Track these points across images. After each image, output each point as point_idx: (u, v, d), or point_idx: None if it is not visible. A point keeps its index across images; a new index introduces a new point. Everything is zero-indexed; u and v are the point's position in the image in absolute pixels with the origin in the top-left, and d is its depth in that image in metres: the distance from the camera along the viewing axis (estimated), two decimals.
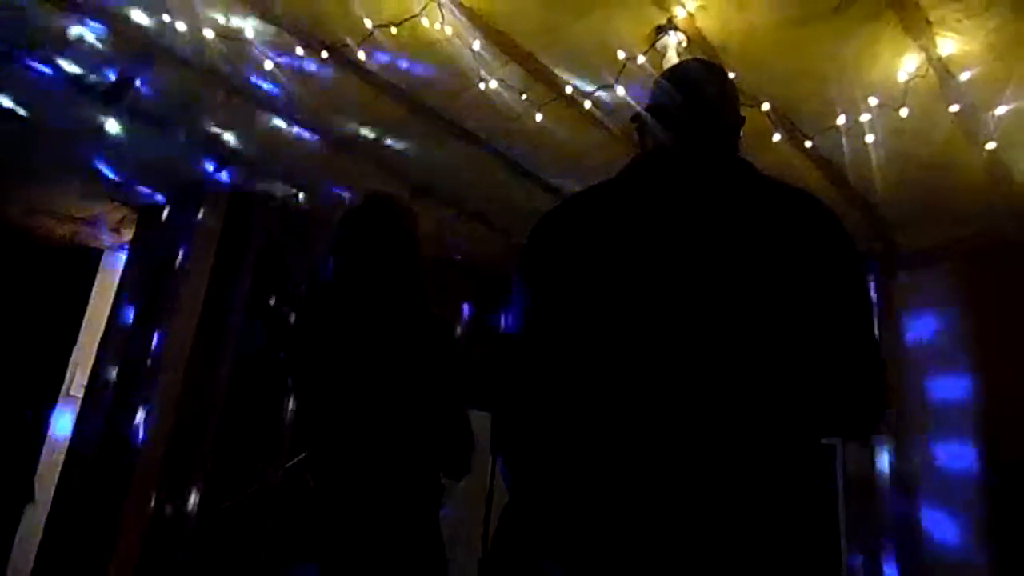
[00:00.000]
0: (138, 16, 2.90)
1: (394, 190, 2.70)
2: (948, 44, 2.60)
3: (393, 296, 1.72)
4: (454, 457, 1.64)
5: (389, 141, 3.69)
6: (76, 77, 3.34)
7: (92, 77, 3.34)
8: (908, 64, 2.71)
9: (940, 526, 3.62)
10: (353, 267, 1.75)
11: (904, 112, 2.83)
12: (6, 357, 4.37)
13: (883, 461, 3.79)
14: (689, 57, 2.66)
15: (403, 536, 1.51)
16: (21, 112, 3.60)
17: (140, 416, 3.55)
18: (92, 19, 2.95)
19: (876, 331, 1.15)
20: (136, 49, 3.12)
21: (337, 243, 1.82)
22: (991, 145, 3.03)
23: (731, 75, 2.66)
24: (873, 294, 3.97)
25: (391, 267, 1.75)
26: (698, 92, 1.32)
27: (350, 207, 1.88)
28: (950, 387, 3.79)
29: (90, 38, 3.06)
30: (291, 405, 4.12)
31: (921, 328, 3.98)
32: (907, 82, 2.75)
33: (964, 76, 2.72)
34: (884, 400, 1.11)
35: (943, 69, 2.70)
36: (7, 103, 3.54)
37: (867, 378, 1.10)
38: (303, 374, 1.79)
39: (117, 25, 2.98)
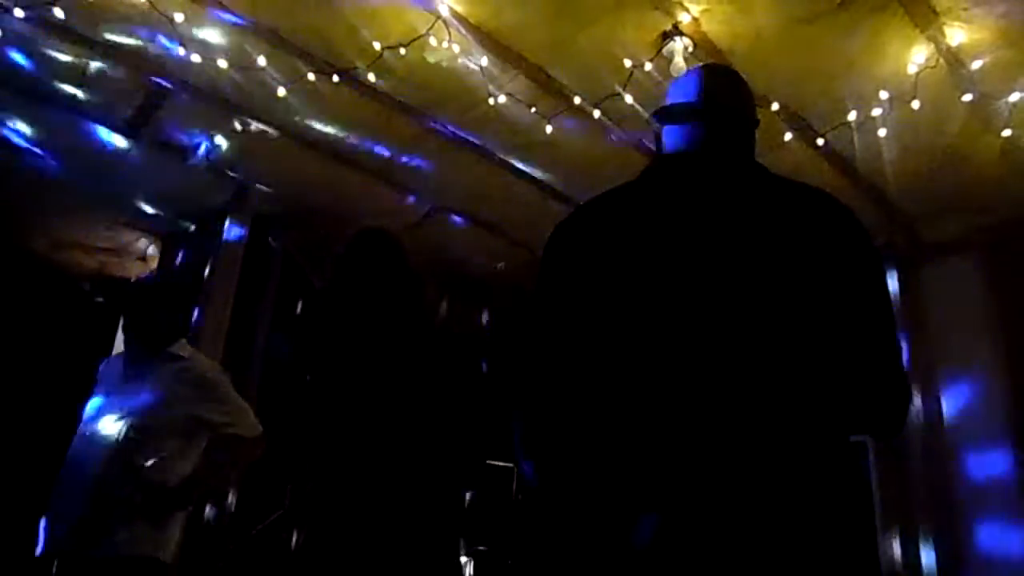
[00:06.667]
0: (155, 49, 2.98)
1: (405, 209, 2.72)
2: (957, 34, 2.59)
3: (395, 315, 1.76)
4: (465, 469, 1.64)
5: (404, 159, 3.74)
6: (97, 111, 3.43)
7: (113, 110, 3.44)
8: (917, 56, 2.70)
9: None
10: (354, 291, 1.80)
11: (916, 104, 2.82)
12: (36, 388, 4.45)
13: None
14: (698, 62, 2.68)
15: (419, 549, 1.52)
16: (44, 147, 3.69)
17: None
18: (110, 54, 3.04)
19: (897, 327, 1.14)
20: (154, 81, 3.20)
21: (338, 275, 1.88)
22: (1007, 132, 3.00)
23: None
24: (895, 288, 3.92)
25: (390, 291, 1.80)
26: (713, 95, 1.33)
27: (346, 244, 1.96)
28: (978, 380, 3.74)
29: (110, 73, 3.15)
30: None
31: (948, 319, 3.92)
32: (917, 74, 2.74)
33: (975, 64, 2.70)
34: (907, 397, 1.11)
35: (953, 59, 2.69)
36: (29, 139, 3.64)
37: (888, 375, 1.10)
38: (314, 397, 1.81)
39: (135, 59, 3.07)
